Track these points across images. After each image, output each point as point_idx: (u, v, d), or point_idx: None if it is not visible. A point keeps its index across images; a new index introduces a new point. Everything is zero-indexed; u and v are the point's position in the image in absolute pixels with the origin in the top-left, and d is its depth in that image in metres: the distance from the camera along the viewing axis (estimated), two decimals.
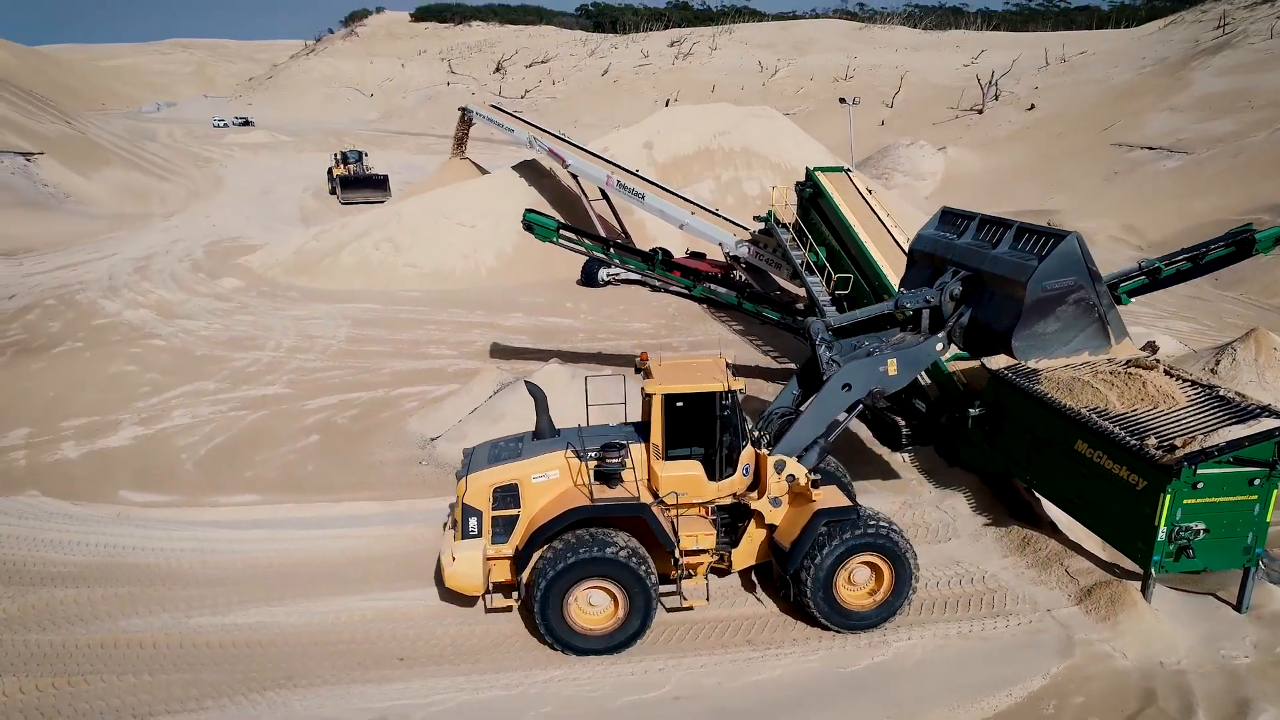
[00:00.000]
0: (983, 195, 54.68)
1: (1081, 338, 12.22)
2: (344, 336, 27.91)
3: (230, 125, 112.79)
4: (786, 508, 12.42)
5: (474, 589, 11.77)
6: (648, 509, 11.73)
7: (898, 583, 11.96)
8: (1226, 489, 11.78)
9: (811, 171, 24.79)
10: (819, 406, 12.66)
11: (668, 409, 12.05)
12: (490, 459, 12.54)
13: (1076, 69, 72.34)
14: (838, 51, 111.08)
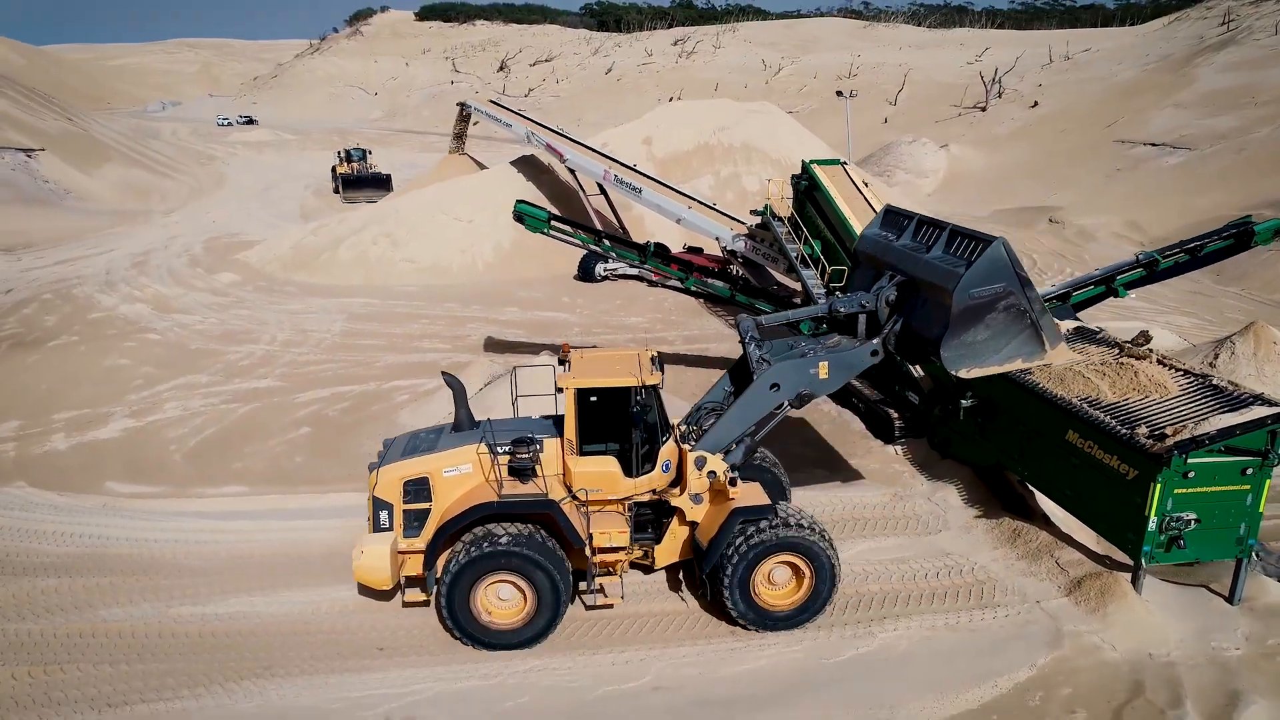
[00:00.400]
0: (985, 192, 54.47)
1: (1014, 345, 11.54)
2: (338, 330, 27.83)
3: (234, 124, 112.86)
4: (708, 505, 12.15)
5: (381, 583, 11.50)
6: (555, 506, 11.46)
7: (817, 583, 11.67)
8: (1218, 478, 11.60)
9: (807, 164, 24.65)
10: (744, 404, 12.29)
11: (581, 404, 11.77)
12: (405, 451, 12.33)
13: (1080, 66, 71.96)
14: (841, 50, 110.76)
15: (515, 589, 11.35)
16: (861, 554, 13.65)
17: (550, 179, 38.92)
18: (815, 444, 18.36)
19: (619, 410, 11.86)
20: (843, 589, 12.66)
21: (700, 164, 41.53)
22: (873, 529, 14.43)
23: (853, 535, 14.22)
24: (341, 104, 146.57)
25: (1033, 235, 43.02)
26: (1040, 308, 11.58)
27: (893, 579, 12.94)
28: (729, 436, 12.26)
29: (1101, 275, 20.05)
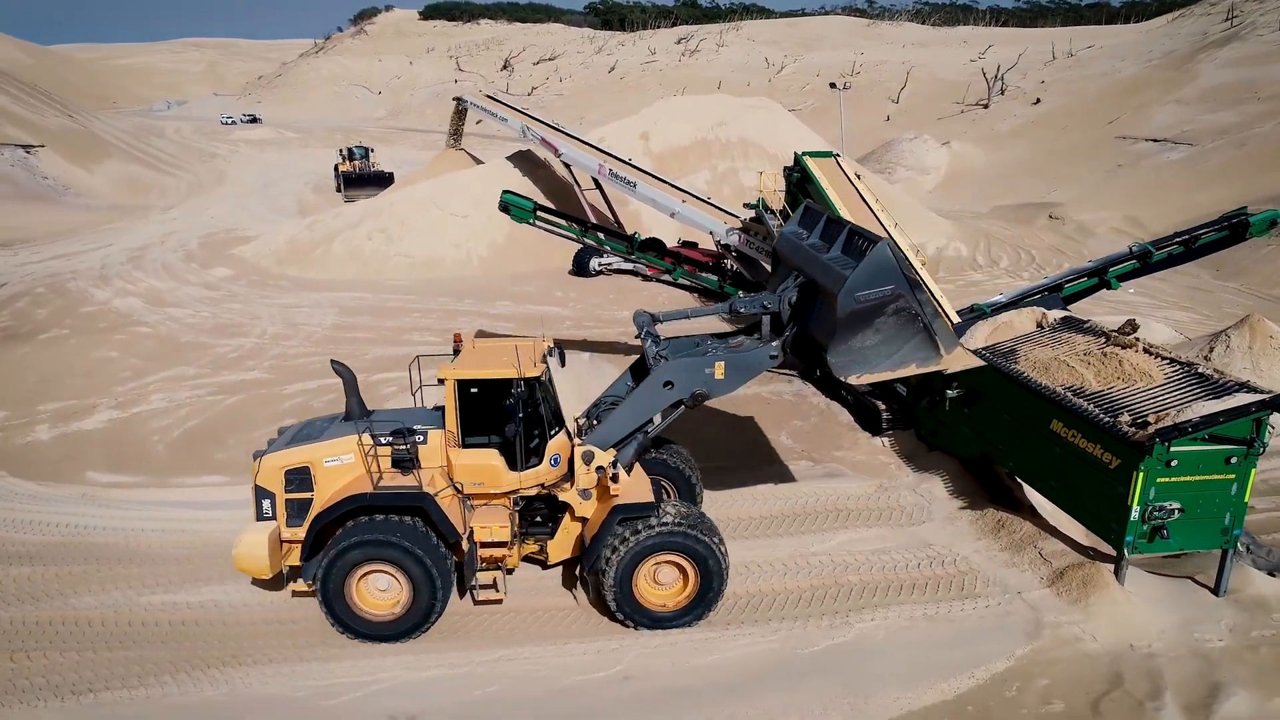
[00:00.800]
0: (986, 189, 54.25)
1: (907, 350, 10.80)
2: (329, 324, 27.71)
3: (238, 122, 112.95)
4: (596, 501, 11.87)
5: (260, 571, 11.32)
6: (429, 498, 11.18)
7: (702, 584, 11.38)
8: (1202, 467, 11.40)
9: (800, 156, 24.47)
10: (636, 400, 11.92)
11: (462, 395, 11.52)
12: (293, 439, 12.12)
13: (1083, 63, 71.63)
14: (845, 48, 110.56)
15: (393, 580, 11.12)
16: (842, 545, 13.48)
17: (546, 174, 38.78)
18: (801, 436, 18.18)
19: (501, 402, 11.54)
20: (821, 580, 12.53)
21: (697, 159, 41.36)
22: (855, 520, 14.25)
23: (834, 526, 14.05)
24: (345, 103, 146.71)
25: (1032, 231, 42.81)
26: (932, 310, 10.89)
27: (873, 570, 12.76)
28: (619, 432, 11.88)
29: (1094, 267, 19.88)
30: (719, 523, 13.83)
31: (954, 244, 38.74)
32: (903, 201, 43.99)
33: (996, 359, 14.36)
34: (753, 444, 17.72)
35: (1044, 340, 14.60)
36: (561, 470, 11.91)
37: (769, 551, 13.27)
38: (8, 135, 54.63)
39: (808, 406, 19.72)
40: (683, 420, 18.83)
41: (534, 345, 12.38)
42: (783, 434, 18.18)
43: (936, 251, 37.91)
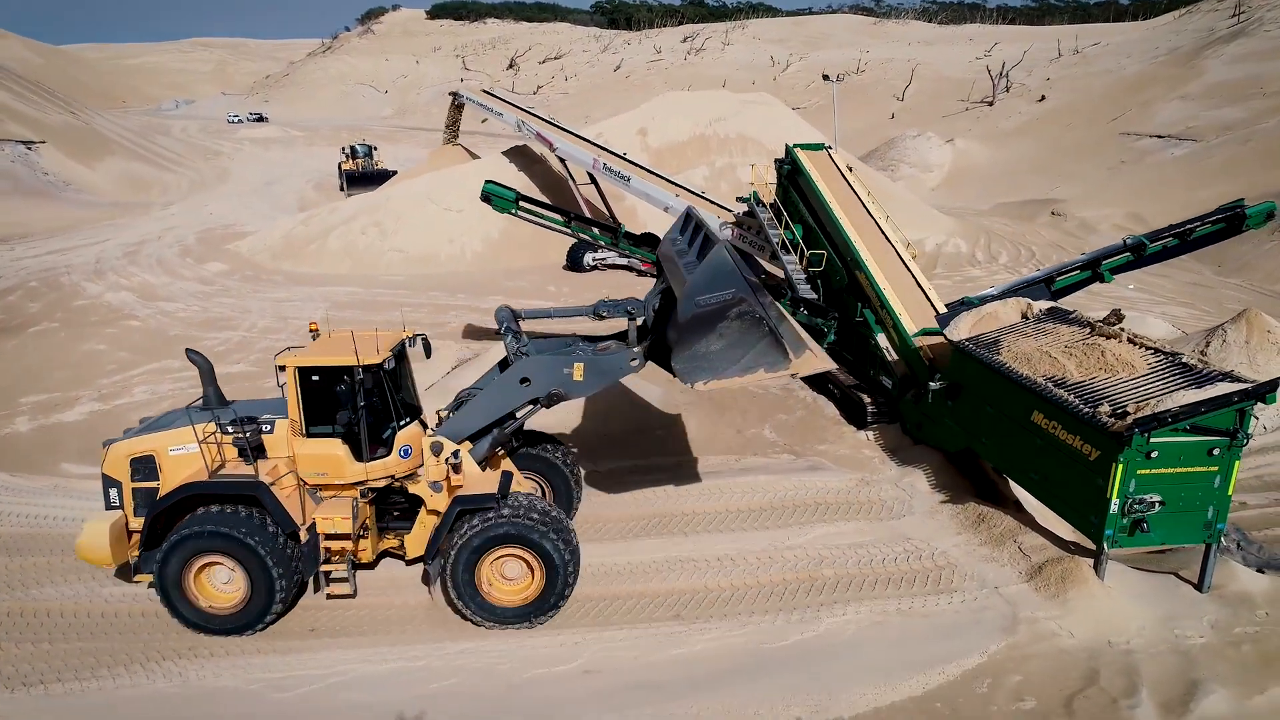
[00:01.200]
0: (990, 186, 53.86)
1: (753, 355, 10.23)
2: (319, 318, 27.36)
3: (245, 121, 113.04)
4: (448, 494, 11.54)
5: (102, 560, 11.08)
6: (262, 487, 10.87)
7: (548, 579, 11.04)
8: (1184, 459, 11.08)
9: (791, 148, 24.14)
10: (491, 394, 11.69)
11: (304, 383, 11.13)
12: (146, 429, 11.89)
13: (1089, 60, 71.07)
14: (850, 46, 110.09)
15: (232, 571, 10.85)
16: (819, 539, 13.20)
17: (543, 169, 38.57)
18: (785, 429, 17.89)
19: (344, 391, 11.20)
20: (795, 574, 12.26)
21: (695, 154, 41.10)
22: (834, 513, 13.96)
23: (812, 520, 13.76)
24: (352, 102, 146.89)
25: (1034, 228, 42.41)
26: (778, 314, 10.37)
27: (848, 564, 12.47)
28: (471, 426, 11.62)
29: (1087, 260, 19.54)
30: (695, 516, 13.66)
31: (953, 240, 38.39)
32: (903, 198, 43.66)
33: (979, 350, 14.06)
34: (735, 437, 17.45)
35: (1028, 331, 14.29)
36: (413, 462, 11.54)
37: (744, 545, 12.99)
38: (9, 131, 54.69)
39: (794, 400, 19.43)
40: (664, 411, 18.67)
41: (378, 335, 11.82)
42: (766, 427, 17.91)
43: (936, 248, 37.59)
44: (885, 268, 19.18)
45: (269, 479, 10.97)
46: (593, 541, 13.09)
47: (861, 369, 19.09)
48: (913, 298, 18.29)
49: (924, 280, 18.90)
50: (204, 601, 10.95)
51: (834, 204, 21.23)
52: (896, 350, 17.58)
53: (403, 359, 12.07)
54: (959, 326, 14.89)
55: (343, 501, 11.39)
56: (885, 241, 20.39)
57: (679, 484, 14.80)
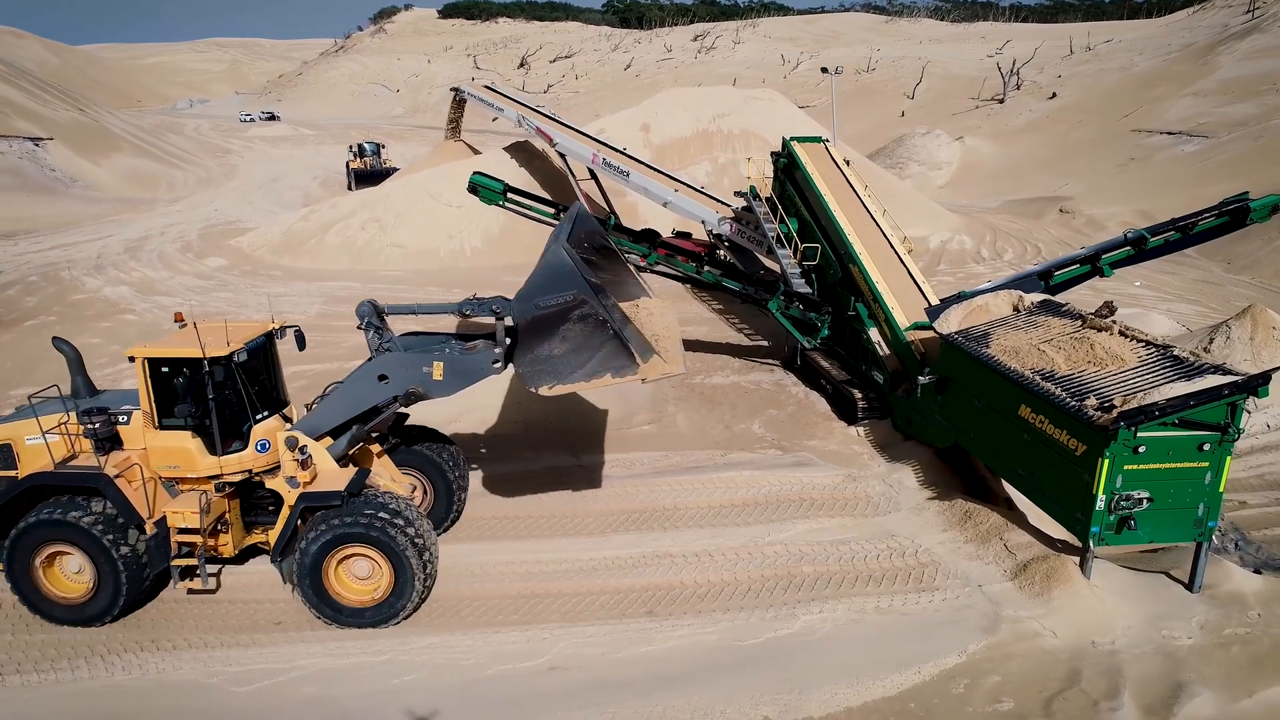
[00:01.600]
0: (998, 184, 53.31)
1: (598, 359, 9.88)
2: (314, 312, 27.41)
3: (256, 120, 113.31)
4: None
5: None
6: (105, 479, 10.63)
7: (397, 580, 10.68)
8: (1173, 454, 10.74)
9: (788, 141, 23.86)
10: (348, 389, 11.37)
11: (154, 375, 10.86)
12: (16, 415, 11.73)
13: (1101, 57, 70.31)
14: (861, 45, 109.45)
15: (83, 563, 10.67)
16: (800, 535, 12.90)
17: (544, 165, 38.34)
18: (776, 424, 17.59)
19: (195, 383, 10.90)
20: (774, 571, 11.97)
21: (698, 150, 40.80)
22: (818, 509, 13.66)
23: (795, 515, 13.46)
24: (364, 101, 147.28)
25: (1042, 225, 41.91)
26: (621, 317, 9.96)
27: (829, 560, 12.18)
28: (330, 421, 11.32)
29: (1086, 254, 19.14)
30: (675, 511, 13.39)
31: (958, 237, 37.95)
32: (908, 195, 43.26)
33: (967, 343, 13.74)
34: (724, 432, 17.16)
35: (1019, 324, 13.95)
36: (271, 457, 11.24)
37: (723, 541, 12.72)
38: (17, 128, 54.92)
39: (786, 396, 19.13)
40: (652, 406, 18.42)
41: (236, 326, 11.60)
42: (756, 423, 17.61)
43: (940, 244, 37.17)
44: (879, 262, 18.87)
45: (116, 470, 10.77)
46: (568, 536, 12.87)
47: (855, 364, 18.78)
48: (907, 292, 17.97)
49: (919, 275, 18.57)
50: (54, 591, 10.79)
51: (829, 197, 20.92)
52: (888, 345, 17.26)
53: (262, 352, 11.78)
54: (948, 319, 14.57)
55: (192, 496, 11.14)
56: (881, 236, 20.08)
57: (660, 479, 14.54)
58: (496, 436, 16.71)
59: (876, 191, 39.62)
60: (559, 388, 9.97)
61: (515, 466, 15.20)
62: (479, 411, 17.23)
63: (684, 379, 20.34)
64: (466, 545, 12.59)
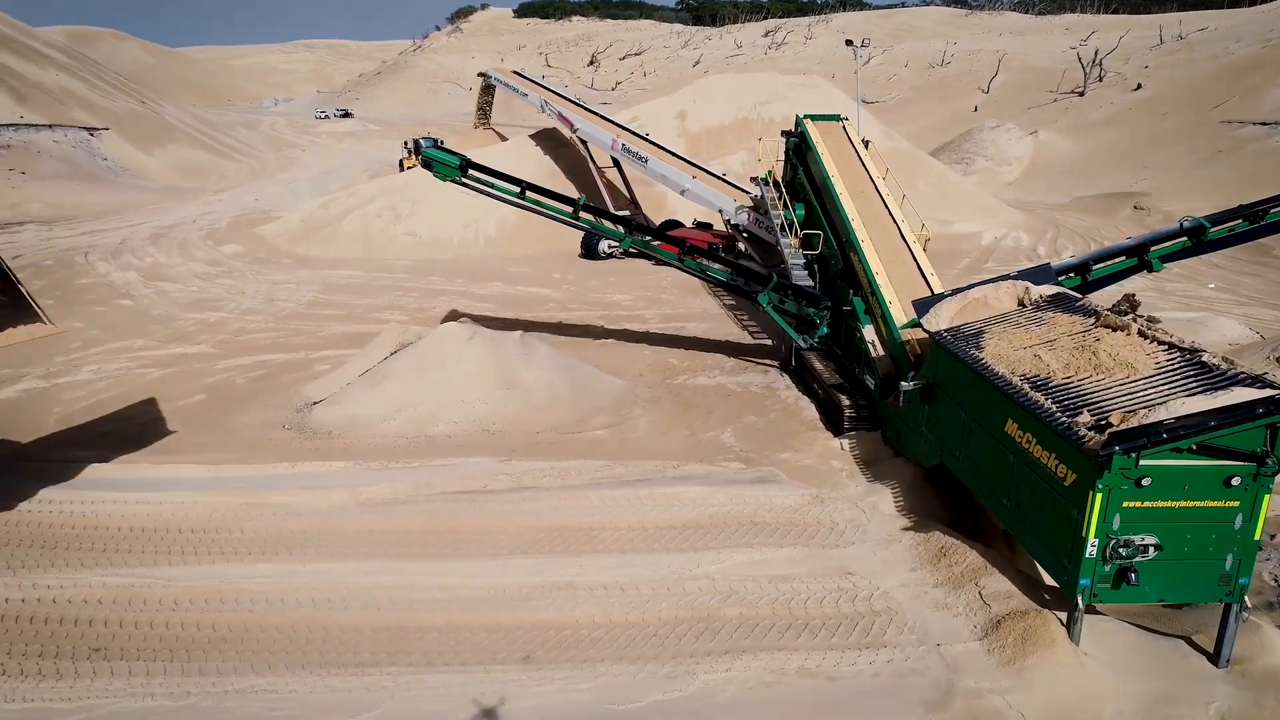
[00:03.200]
0: (1071, 179, 49.62)
1: None
2: (306, 300, 26.24)
3: (331, 116, 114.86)
4: None
5: None
6: None
7: None
8: (1190, 489, 8.29)
9: (801, 119, 21.57)
10: None
11: None
12: None
13: (1193, 46, 65.26)
14: (937, 38, 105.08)
15: None
16: (737, 567, 10.75)
17: (569, 153, 36.65)
18: (751, 433, 15.39)
19: None
20: (691, 611, 9.87)
21: (735, 139, 38.56)
22: (768, 536, 11.47)
23: (738, 543, 11.30)
24: (438, 99, 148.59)
25: (1113, 223, 38.44)
26: None
27: (761, 602, 10.00)
28: None
29: (1134, 244, 16.38)
30: (598, 532, 11.43)
31: (1014, 234, 34.86)
32: (962, 189, 40.20)
33: (954, 343, 11.39)
34: (687, 440, 15.05)
35: (1021, 321, 11.52)
36: None
37: (643, 571, 10.66)
38: (75, 118, 55.90)
39: (773, 401, 16.91)
40: (616, 406, 16.36)
41: None
42: (728, 430, 15.44)
43: (994, 241, 34.18)
44: (884, 252, 16.51)
45: None
46: (461, 558, 10.99)
47: (850, 366, 16.45)
48: (912, 287, 15.58)
49: (928, 268, 16.14)
50: None
51: (837, 179, 18.60)
52: (883, 344, 14.91)
53: None
54: (938, 315, 12.21)
55: None
56: (893, 224, 17.65)
57: (593, 493, 12.54)
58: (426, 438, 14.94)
59: (928, 185, 36.87)
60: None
61: (429, 472, 13.37)
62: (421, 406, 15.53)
63: (664, 378, 18.29)
64: (334, 564, 10.80)
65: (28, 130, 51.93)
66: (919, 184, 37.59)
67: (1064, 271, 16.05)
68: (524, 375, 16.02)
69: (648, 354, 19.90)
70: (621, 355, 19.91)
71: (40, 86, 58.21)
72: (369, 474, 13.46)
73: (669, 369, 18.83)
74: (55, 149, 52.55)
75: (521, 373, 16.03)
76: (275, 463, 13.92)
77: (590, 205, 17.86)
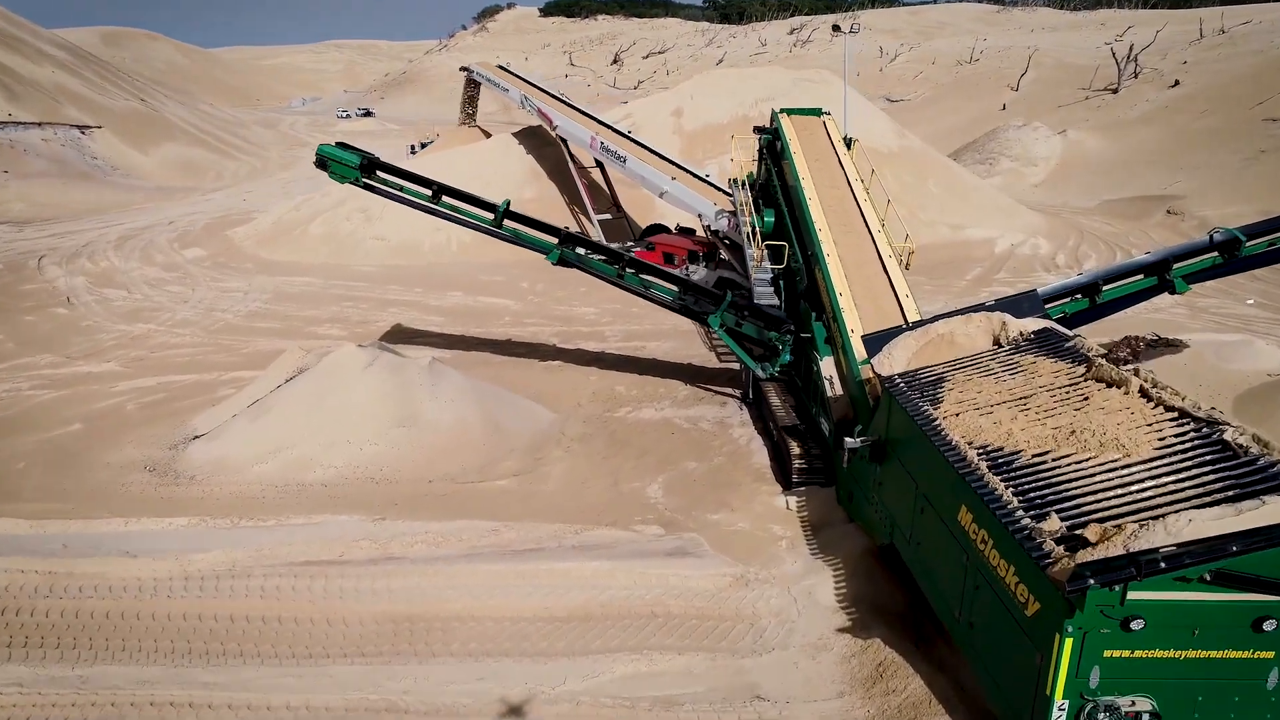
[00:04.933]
0: (1101, 181, 46.45)
1: None
2: (247, 311, 24.18)
3: (353, 116, 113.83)
4: None
5: None
6: None
7: None
8: (1202, 634, 5.77)
9: (777, 114, 19.11)
10: None
11: None
12: None
13: (1235, 41, 61.52)
14: (966, 35, 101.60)
15: None
16: (615, 684, 8.34)
17: (553, 152, 34.28)
18: (684, 484, 12.94)
19: None
20: None
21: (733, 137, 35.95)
22: (666, 635, 9.06)
23: (627, 645, 8.89)
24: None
25: (1143, 228, 35.41)
26: None
27: None
28: None
29: (1153, 260, 13.74)
30: (449, 626, 9.12)
31: (1033, 241, 31.96)
32: (978, 191, 37.31)
33: (906, 393, 8.89)
34: (605, 493, 12.65)
35: (994, 366, 8.99)
36: None
37: (485, 687, 8.28)
38: (67, 116, 54.63)
39: (722, 441, 14.46)
40: (528, 452, 13.98)
41: None
42: (658, 480, 13.00)
43: (1008, 249, 31.32)
44: (854, 268, 13.98)
45: None
46: (267, 661, 8.68)
47: (808, 404, 13.96)
48: (882, 312, 13.04)
49: (904, 290, 13.56)
50: None
51: (807, 182, 16.10)
52: (842, 382, 12.40)
53: None
54: (893, 355, 9.71)
55: None
56: (869, 236, 15.10)
57: (466, 566, 10.20)
58: (299, 487, 12.68)
59: (938, 185, 34.09)
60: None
61: (282, 534, 11.08)
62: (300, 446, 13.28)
63: (606, 409, 15.88)
64: (110, 667, 8.55)
65: (15, 129, 50.66)
66: (928, 183, 34.87)
67: (1070, 292, 13.47)
68: (427, 409, 13.72)
69: (595, 379, 17.52)
70: (566, 380, 17.57)
71: (34, 84, 57.03)
72: (211, 535, 11.22)
73: (613, 398, 16.43)
74: (44, 147, 51.24)
75: (424, 406, 13.74)
76: (108, 518, 11.72)
77: (516, 213, 15.55)
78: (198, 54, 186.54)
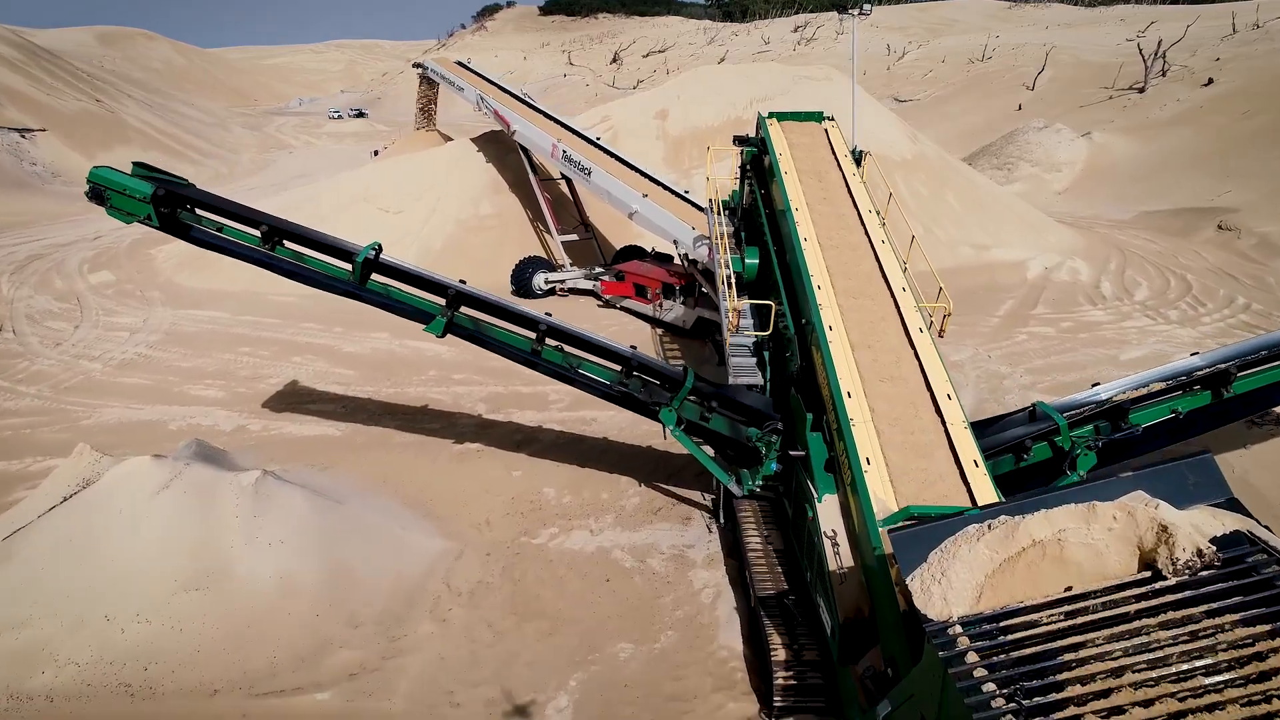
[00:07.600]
0: (1134, 189, 41.97)
1: None
2: (120, 359, 19.87)
3: (345, 116, 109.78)
4: None
5: None
6: None
7: None
8: None
9: (764, 119, 14.72)
10: None
11: None
12: None
13: (1273, 36, 57.03)
14: (978, 32, 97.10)
15: None
16: None
17: (517, 161, 29.92)
18: (609, 697, 8.52)
19: None
20: None
21: (723, 143, 31.49)
22: None
23: None
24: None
25: (1192, 247, 30.85)
26: None
27: None
28: None
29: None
30: None
31: (1070, 263, 27.43)
32: (1004, 203, 32.79)
33: (979, 676, 4.43)
34: (479, 713, 8.21)
35: (1153, 627, 4.53)
36: None
37: None
38: (7, 118, 50.47)
39: (675, 598, 10.03)
40: (382, 627, 9.49)
41: None
42: (568, 688, 8.55)
43: (1043, 273, 26.78)
44: (867, 350, 9.52)
45: None
46: None
47: (800, 559, 9.50)
48: (913, 424, 8.58)
49: (944, 386, 9.09)
50: None
51: (800, 214, 11.66)
52: (851, 547, 7.93)
53: None
54: (950, 578, 5.22)
55: None
56: (886, 292, 10.64)
57: None
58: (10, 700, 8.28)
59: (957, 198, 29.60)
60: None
61: None
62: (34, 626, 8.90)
63: (521, 531, 11.44)
64: None
65: None
66: (946, 196, 30.43)
67: (1182, 386, 9.03)
68: (239, 559, 9.32)
69: (519, 476, 13.11)
70: (479, 477, 13.18)
71: None
72: None
73: (536, 510, 12.03)
74: None
75: (236, 554, 9.35)
76: None
77: (389, 263, 11.20)
78: (196, 54, 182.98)
